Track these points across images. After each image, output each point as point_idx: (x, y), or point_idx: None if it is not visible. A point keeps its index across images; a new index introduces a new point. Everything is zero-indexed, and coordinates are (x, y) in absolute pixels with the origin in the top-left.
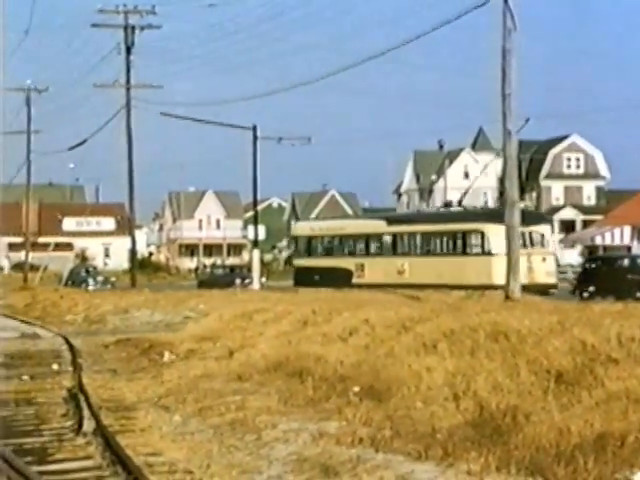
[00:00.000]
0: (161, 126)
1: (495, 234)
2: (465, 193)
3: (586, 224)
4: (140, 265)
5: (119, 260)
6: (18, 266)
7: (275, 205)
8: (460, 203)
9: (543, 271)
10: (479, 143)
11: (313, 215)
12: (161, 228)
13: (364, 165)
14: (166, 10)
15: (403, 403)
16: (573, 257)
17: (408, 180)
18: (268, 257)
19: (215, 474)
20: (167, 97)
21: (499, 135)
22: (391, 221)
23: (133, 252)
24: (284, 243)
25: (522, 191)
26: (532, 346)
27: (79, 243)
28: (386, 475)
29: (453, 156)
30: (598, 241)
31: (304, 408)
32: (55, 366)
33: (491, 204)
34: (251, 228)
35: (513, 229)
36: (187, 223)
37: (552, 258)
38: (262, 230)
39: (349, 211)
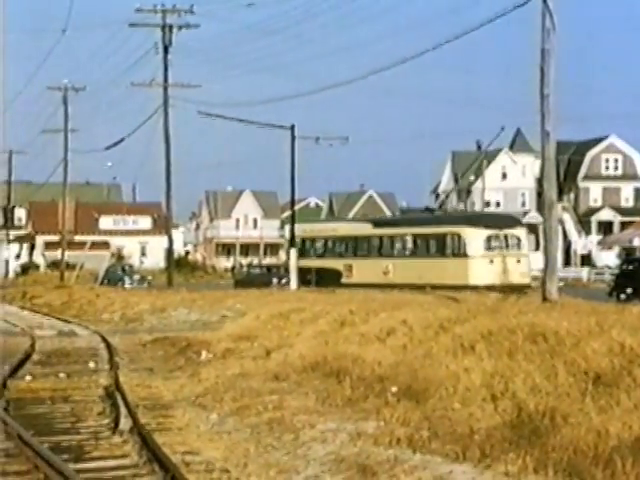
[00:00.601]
0: (199, 125)
1: (472, 237)
2: (447, 196)
3: (624, 226)
4: (177, 264)
5: (155, 259)
6: (54, 264)
7: (312, 205)
8: (441, 207)
9: (517, 272)
10: (517, 144)
11: (351, 215)
12: (198, 227)
13: (402, 165)
14: (204, 9)
15: (441, 404)
16: (610, 259)
17: (446, 180)
18: None
19: (252, 473)
20: (205, 96)
21: (537, 136)
22: (377, 224)
23: (170, 251)
24: None
25: (560, 192)
26: (570, 348)
27: (115, 242)
28: (424, 476)
29: (491, 157)
30: (636, 243)
31: (342, 408)
32: (92, 364)
33: (528, 205)
34: (288, 228)
35: (551, 230)
36: (224, 222)
37: (526, 260)
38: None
39: (387, 211)
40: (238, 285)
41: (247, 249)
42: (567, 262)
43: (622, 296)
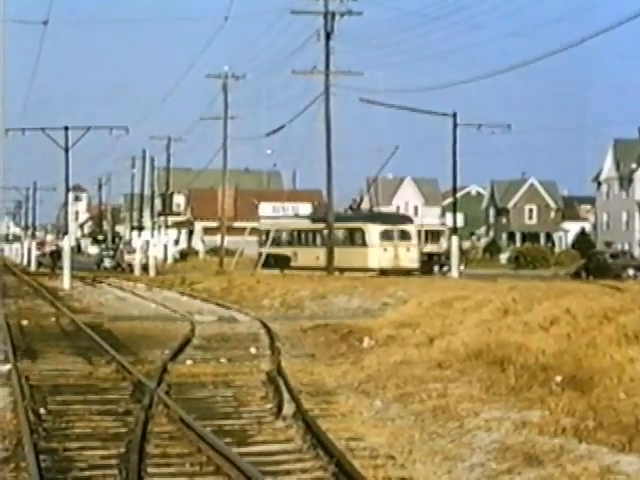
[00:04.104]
0: (360, 112)
1: (371, 231)
2: (362, 198)
3: None
4: None
5: None
6: (213, 250)
7: (474, 193)
8: (358, 207)
9: (407, 258)
10: None
11: (511, 204)
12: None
13: (564, 153)
14: None
15: (606, 394)
16: None
17: (608, 168)
18: (466, 245)
19: (417, 460)
20: (366, 84)
21: None
22: (313, 220)
23: (330, 238)
24: (482, 231)
25: None
26: None
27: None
28: (590, 466)
29: None
30: None
31: (506, 397)
32: (253, 349)
33: None
34: (449, 215)
35: None
36: (385, 209)
37: (415, 248)
38: (460, 218)
39: (548, 199)
40: None
41: None
42: None
43: None
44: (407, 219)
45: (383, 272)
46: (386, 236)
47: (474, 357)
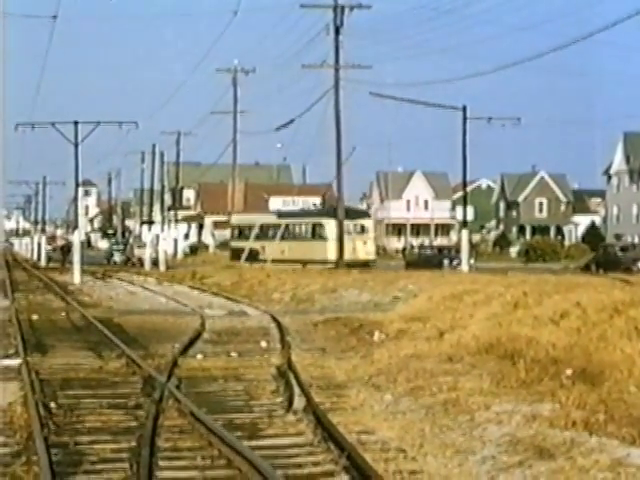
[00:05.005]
0: (370, 106)
1: (329, 226)
2: (324, 195)
3: None
4: None
5: None
6: (223, 245)
7: (484, 186)
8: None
9: (364, 251)
10: None
11: (522, 197)
12: (369, 208)
13: (574, 146)
14: None
15: (616, 387)
16: None
17: (618, 161)
18: (476, 238)
19: (428, 453)
20: (376, 77)
21: None
22: (279, 216)
23: (340, 231)
24: (492, 224)
25: None
26: None
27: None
28: (601, 459)
29: None
30: None
31: (516, 390)
32: (263, 343)
33: None
34: (459, 209)
35: None
36: (395, 203)
37: (371, 242)
38: (471, 211)
39: (558, 193)
40: (409, 266)
41: (418, 230)
42: None
43: None
44: (365, 214)
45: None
46: (345, 230)
47: (485, 351)
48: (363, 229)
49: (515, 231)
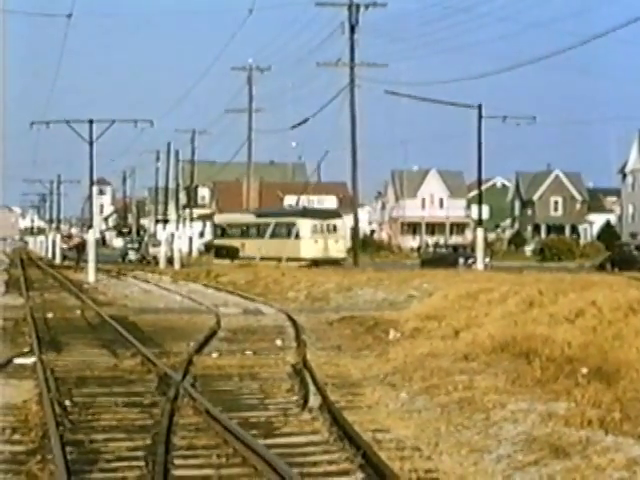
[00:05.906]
0: (385, 104)
1: (303, 225)
2: (301, 195)
3: None
4: (362, 243)
5: None
6: None
7: (499, 185)
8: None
9: (335, 249)
10: None
11: (537, 196)
12: (384, 207)
13: (589, 145)
14: None
15: (632, 386)
16: None
17: (633, 160)
18: (491, 237)
19: (444, 452)
20: (391, 76)
21: None
22: (258, 215)
23: (355, 230)
24: (508, 223)
25: None
26: None
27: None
28: (617, 458)
29: None
30: None
31: (532, 389)
32: (278, 342)
33: None
34: (474, 207)
35: None
36: (410, 202)
37: (342, 241)
38: (486, 210)
39: (573, 191)
40: (425, 265)
41: (433, 228)
42: None
43: None
44: (336, 214)
45: (314, 262)
46: (316, 229)
47: (500, 349)
48: (335, 228)
49: (530, 230)
